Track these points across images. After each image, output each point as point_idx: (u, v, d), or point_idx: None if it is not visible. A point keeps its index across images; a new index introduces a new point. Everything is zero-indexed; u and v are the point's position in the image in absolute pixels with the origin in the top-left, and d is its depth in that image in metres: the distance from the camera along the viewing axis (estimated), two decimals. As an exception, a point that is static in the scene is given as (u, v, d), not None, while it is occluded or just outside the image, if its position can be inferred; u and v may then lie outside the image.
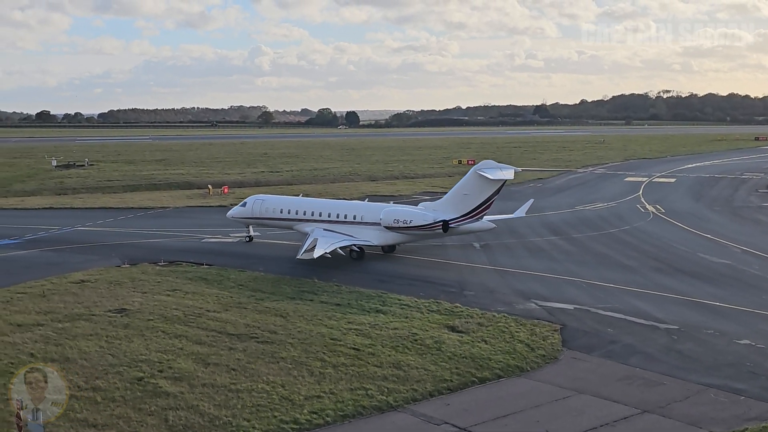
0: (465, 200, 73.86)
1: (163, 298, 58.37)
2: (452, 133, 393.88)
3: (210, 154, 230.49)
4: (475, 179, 73.30)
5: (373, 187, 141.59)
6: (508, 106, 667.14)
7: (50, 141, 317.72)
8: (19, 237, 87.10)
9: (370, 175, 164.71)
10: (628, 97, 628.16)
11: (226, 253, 78.03)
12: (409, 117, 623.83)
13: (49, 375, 41.80)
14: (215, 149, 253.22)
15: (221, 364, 44.08)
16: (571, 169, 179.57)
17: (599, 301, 58.91)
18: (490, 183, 72.38)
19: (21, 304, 56.62)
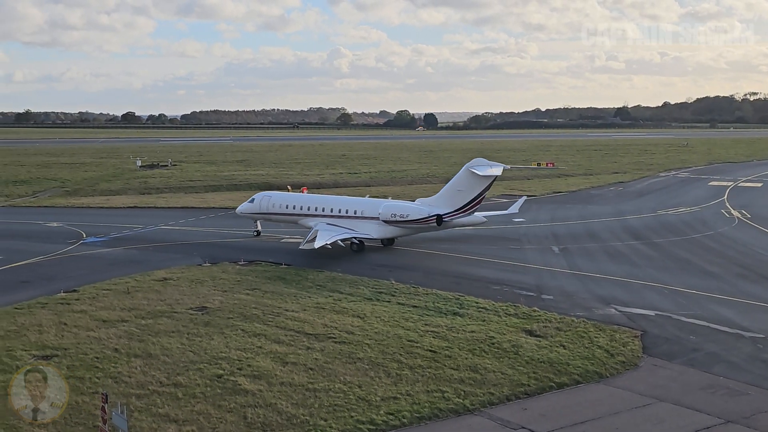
0: (458, 196, 78.93)
1: (243, 297, 59.18)
2: (531, 136, 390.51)
3: (289, 155, 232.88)
4: (468, 176, 78.56)
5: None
6: (589, 109, 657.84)
7: (135, 142, 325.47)
8: (105, 235, 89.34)
9: (448, 177, 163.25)
10: (712, 100, 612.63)
11: (304, 253, 78.51)
12: (487, 119, 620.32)
13: (133, 370, 42.93)
14: (294, 150, 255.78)
15: (299, 363, 44.49)
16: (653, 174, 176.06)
17: (681, 308, 57.65)
18: (481, 179, 77.91)
19: (106, 301, 58.06)
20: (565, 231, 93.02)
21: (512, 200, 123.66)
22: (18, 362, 44.33)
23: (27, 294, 60.79)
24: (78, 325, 51.46)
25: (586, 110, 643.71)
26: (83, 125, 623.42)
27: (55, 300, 58.36)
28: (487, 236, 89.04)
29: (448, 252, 78.77)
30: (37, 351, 46.46)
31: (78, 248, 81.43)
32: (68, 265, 72.58)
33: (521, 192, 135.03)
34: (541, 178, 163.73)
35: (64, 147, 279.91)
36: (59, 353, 45.97)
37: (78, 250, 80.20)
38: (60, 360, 44.74)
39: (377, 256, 77.11)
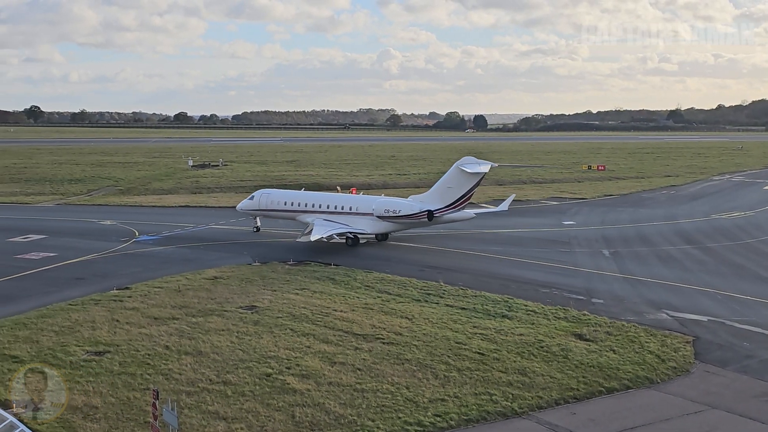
0: (448, 192, 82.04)
1: (292, 297, 59.53)
2: (582, 138, 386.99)
3: (339, 155, 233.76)
4: (458, 173, 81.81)
5: (501, 192, 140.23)
6: (641, 111, 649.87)
7: (187, 141, 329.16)
8: (157, 233, 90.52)
9: (498, 179, 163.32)
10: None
11: (353, 253, 78.91)
12: (537, 121, 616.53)
13: (184, 368, 43.43)
14: (344, 151, 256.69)
15: (347, 363, 44.64)
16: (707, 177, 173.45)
17: (735, 314, 56.74)
18: (470, 176, 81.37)
19: (158, 298, 58.81)
20: (615, 234, 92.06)
21: (561, 203, 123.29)
22: (72, 357, 45.11)
23: (81, 291, 61.88)
24: (130, 322, 52.22)
25: (638, 113, 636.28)
26: (136, 125, 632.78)
27: (108, 297, 59.27)
28: (536, 239, 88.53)
29: (497, 254, 78.45)
30: (90, 347, 47.22)
31: (131, 246, 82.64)
32: (121, 263, 73.67)
33: (571, 195, 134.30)
34: (592, 181, 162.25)
35: (118, 146, 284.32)
36: (111, 349, 46.67)
37: (131, 248, 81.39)
38: (112, 356, 45.42)
39: (426, 257, 77.09)
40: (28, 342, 47.84)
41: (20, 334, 49.44)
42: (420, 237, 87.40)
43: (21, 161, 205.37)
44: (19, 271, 69.33)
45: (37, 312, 54.75)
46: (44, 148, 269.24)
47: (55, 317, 53.24)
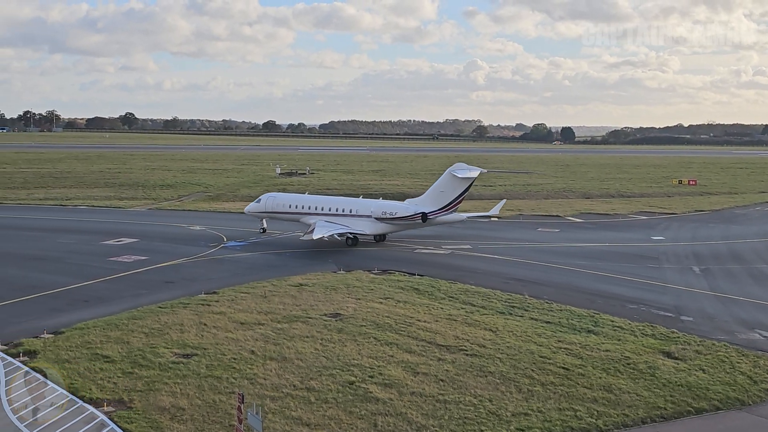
0: (441, 196, 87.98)
1: (376, 306, 59.71)
2: (673, 152, 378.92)
3: (424, 166, 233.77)
4: (449, 178, 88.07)
5: (588, 205, 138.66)
6: (734, 125, 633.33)
7: (275, 149, 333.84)
8: (245, 240, 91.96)
9: (585, 192, 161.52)
10: None
11: (437, 264, 78.79)
12: (626, 134, 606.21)
13: (269, 373, 43.95)
14: (430, 161, 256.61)
15: (430, 374, 44.54)
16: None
17: (832, 336, 54.71)
18: (461, 181, 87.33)
19: (244, 303, 59.69)
20: (706, 251, 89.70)
21: (651, 217, 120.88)
22: (160, 359, 46.11)
23: (170, 294, 63.25)
24: (217, 326, 53.13)
25: (731, 126, 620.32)
26: (226, 132, 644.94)
27: (196, 301, 60.46)
28: (624, 254, 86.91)
29: (583, 268, 77.33)
30: (178, 349, 48.20)
31: (219, 251, 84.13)
32: (209, 268, 75.07)
33: (660, 210, 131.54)
34: (683, 196, 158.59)
35: (208, 153, 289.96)
36: (199, 352, 47.54)
37: (219, 254, 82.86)
38: (199, 359, 46.26)
39: (510, 269, 76.44)
40: (119, 342, 49.11)
41: (112, 334, 50.79)
42: (505, 249, 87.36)
43: (116, 166, 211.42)
44: (112, 273, 71.28)
45: (128, 313, 56.19)
46: (138, 153, 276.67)
47: (145, 319, 54.55)
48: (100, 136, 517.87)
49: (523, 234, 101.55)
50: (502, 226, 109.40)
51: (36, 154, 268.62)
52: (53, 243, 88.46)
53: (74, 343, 48.82)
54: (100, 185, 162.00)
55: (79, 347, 48.09)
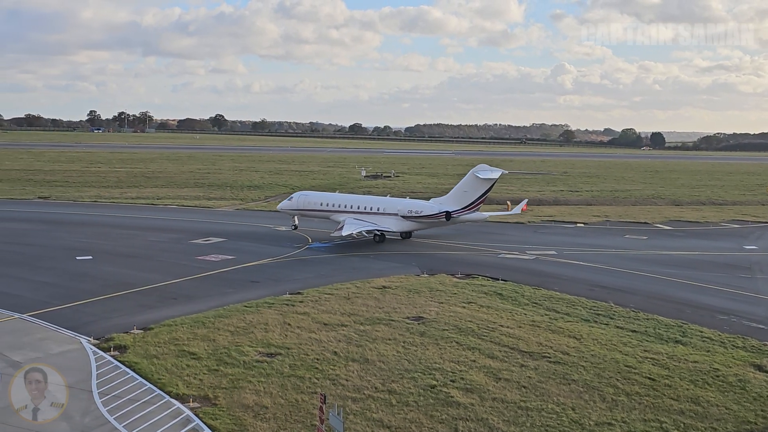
0: (464, 196, 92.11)
1: (459, 310, 59.55)
2: None
3: (510, 170, 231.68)
4: (472, 179, 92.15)
5: (677, 212, 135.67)
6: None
7: (360, 152, 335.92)
8: (329, 241, 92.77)
9: (674, 199, 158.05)
10: None
11: (521, 269, 78.16)
12: (719, 140, 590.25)
13: (351, 374, 44.21)
14: (515, 166, 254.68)
15: (512, 380, 44.20)
16: None
17: None
18: (483, 182, 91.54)
19: (328, 305, 60.22)
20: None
21: (743, 226, 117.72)
22: (245, 357, 46.83)
23: (256, 293, 64.21)
24: (301, 326, 53.71)
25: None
26: (313, 135, 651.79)
27: (281, 301, 61.24)
28: (714, 263, 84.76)
29: (671, 277, 75.74)
30: (262, 348, 48.87)
31: (304, 252, 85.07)
32: (294, 268, 75.94)
33: (754, 218, 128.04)
34: None
35: (295, 155, 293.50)
36: (282, 352, 48.13)
37: (304, 254, 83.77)
38: (283, 359, 46.82)
39: (596, 276, 75.33)
40: (205, 340, 50.08)
41: (199, 332, 51.83)
42: (591, 256, 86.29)
43: (205, 167, 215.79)
44: (200, 272, 72.74)
45: (215, 312, 57.25)
46: (226, 155, 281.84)
47: (231, 318, 55.50)
48: (191, 137, 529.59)
49: (610, 241, 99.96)
50: (588, 233, 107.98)
51: (129, 155, 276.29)
52: (144, 241, 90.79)
53: (162, 340, 50.00)
54: (189, 185, 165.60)
55: (167, 343, 49.23)
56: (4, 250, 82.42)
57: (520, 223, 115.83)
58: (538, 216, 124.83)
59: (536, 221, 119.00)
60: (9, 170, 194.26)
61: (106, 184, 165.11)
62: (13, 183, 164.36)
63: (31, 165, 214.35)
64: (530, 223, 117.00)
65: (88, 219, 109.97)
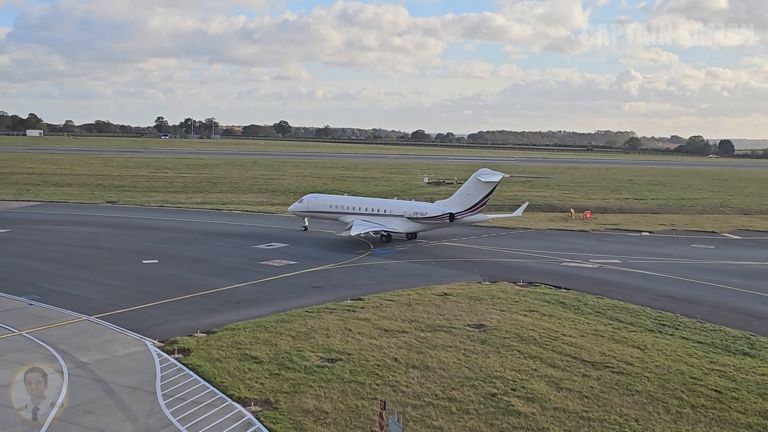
0: (467, 198, 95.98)
1: (520, 318, 59.12)
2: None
3: (574, 178, 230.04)
4: (475, 182, 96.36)
5: (746, 221, 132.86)
6: None
7: (423, 159, 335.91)
8: (391, 248, 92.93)
9: (743, 208, 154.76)
10: None
11: (584, 278, 77.29)
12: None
13: (411, 380, 44.18)
14: (579, 173, 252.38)
15: (574, 390, 43.69)
16: None
17: None
18: (485, 185, 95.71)
19: (389, 311, 60.28)
20: None
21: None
22: (306, 362, 47.10)
23: (317, 299, 64.62)
24: (362, 332, 53.86)
25: None
26: (376, 141, 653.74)
27: (342, 306, 61.48)
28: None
29: (739, 288, 74.19)
30: (323, 353, 49.12)
31: (365, 259, 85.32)
32: (356, 274, 76.23)
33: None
34: None
35: (357, 161, 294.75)
36: (343, 357, 48.31)
37: (365, 261, 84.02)
38: (344, 364, 46.98)
39: (661, 286, 74.10)
40: (267, 344, 50.52)
41: (261, 336, 52.31)
42: (656, 265, 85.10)
43: (269, 173, 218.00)
44: (263, 277, 73.43)
45: (277, 316, 57.72)
46: (290, 161, 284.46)
47: (292, 322, 55.90)
48: (255, 143, 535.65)
49: (676, 250, 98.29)
50: (653, 241, 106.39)
51: (195, 160, 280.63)
52: (209, 245, 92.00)
53: (225, 343, 50.57)
54: (253, 191, 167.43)
55: (229, 347, 49.78)
56: (74, 253, 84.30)
57: (584, 231, 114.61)
58: (602, 224, 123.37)
59: (600, 229, 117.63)
60: (79, 175, 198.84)
61: (173, 189, 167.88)
62: (83, 188, 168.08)
63: (101, 170, 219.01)
64: (594, 231, 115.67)
65: (154, 223, 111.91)
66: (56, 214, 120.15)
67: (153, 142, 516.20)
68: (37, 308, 59.53)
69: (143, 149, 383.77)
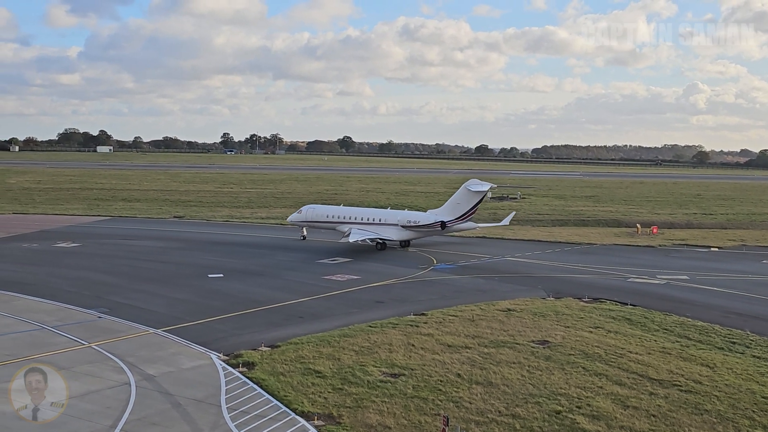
0: (457, 207, 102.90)
1: (585, 335, 58.34)
2: None
3: (640, 192, 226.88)
4: (465, 192, 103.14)
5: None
6: None
7: (487, 173, 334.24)
8: (454, 263, 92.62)
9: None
10: None
11: (651, 294, 76.00)
12: None
13: (474, 397, 43.89)
14: (645, 188, 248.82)
15: (641, 408, 42.89)
16: None
17: None
18: (474, 194, 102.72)
19: (452, 326, 60.02)
20: None
21: None
22: (369, 377, 47.11)
23: (380, 313, 64.64)
24: (425, 348, 53.70)
25: None
26: (439, 156, 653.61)
27: (405, 321, 61.43)
28: None
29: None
30: (386, 368, 49.09)
31: (428, 274, 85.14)
32: (418, 289, 76.10)
33: None
34: None
35: (421, 176, 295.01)
36: (406, 373, 48.21)
37: (428, 276, 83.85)
38: (406, 379, 46.89)
39: (731, 303, 72.50)
40: (330, 359, 50.68)
41: (324, 350, 52.51)
42: (726, 281, 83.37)
43: (332, 188, 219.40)
44: (326, 291, 73.78)
45: (340, 331, 57.90)
46: (354, 176, 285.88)
47: (355, 337, 56.02)
48: (319, 159, 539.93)
49: (746, 266, 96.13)
50: (722, 257, 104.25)
51: (260, 175, 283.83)
52: (273, 260, 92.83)
53: (289, 357, 50.87)
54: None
55: (293, 361, 50.06)
56: (142, 267, 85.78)
57: (651, 246, 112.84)
58: (670, 239, 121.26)
59: (667, 245, 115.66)
60: (147, 190, 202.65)
61: (238, 204, 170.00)
62: (150, 203, 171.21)
63: (168, 185, 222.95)
64: (661, 246, 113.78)
65: (220, 238, 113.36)
66: (125, 229, 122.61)
67: (219, 158, 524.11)
68: (106, 321, 60.71)
69: (209, 165, 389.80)
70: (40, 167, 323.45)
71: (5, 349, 51.89)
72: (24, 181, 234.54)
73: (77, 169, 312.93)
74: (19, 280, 76.02)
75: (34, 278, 77.76)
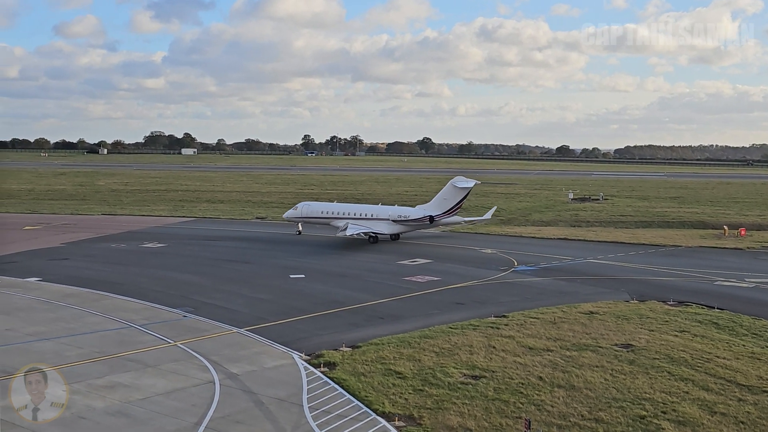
0: (444, 203, 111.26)
1: (670, 338, 57.18)
2: None
3: (727, 193, 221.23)
4: (451, 188, 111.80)
5: None
6: None
7: (568, 175, 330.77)
8: (535, 264, 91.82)
9: None
10: None
11: (739, 297, 74.10)
12: None
13: (556, 400, 43.45)
14: (733, 189, 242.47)
15: (729, 414, 41.87)
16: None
17: None
18: (460, 190, 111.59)
19: (533, 329, 59.53)
20: None
21: None
22: (449, 379, 47.05)
23: (461, 315, 64.46)
24: (506, 350, 53.38)
25: None
26: (519, 157, 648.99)
27: (485, 323, 61.14)
28: None
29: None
30: (467, 370, 48.96)
31: (509, 275, 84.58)
32: (499, 291, 75.68)
33: None
34: None
35: (501, 177, 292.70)
36: (487, 375, 48.00)
37: (509, 278, 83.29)
38: (487, 381, 46.67)
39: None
40: (411, 360, 50.77)
41: (404, 351, 52.63)
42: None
43: (412, 189, 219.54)
44: (406, 293, 73.93)
45: (420, 332, 57.95)
46: (433, 177, 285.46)
47: (436, 338, 56.00)
48: (399, 160, 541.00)
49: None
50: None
51: (340, 177, 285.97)
52: (354, 261, 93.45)
53: (369, 358, 51.14)
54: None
55: (373, 362, 50.30)
56: (226, 268, 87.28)
57: (738, 248, 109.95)
58: (758, 242, 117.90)
59: (756, 247, 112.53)
60: (230, 192, 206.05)
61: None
62: (233, 204, 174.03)
63: (250, 187, 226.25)
64: (749, 249, 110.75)
65: (301, 239, 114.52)
66: (208, 230, 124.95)
67: (300, 160, 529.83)
68: (190, 320, 62.00)
69: (290, 166, 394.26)
70: (128, 169, 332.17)
71: (94, 346, 53.52)
72: (112, 183, 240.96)
73: (163, 171, 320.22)
74: (107, 280, 78.22)
75: (122, 278, 79.85)
